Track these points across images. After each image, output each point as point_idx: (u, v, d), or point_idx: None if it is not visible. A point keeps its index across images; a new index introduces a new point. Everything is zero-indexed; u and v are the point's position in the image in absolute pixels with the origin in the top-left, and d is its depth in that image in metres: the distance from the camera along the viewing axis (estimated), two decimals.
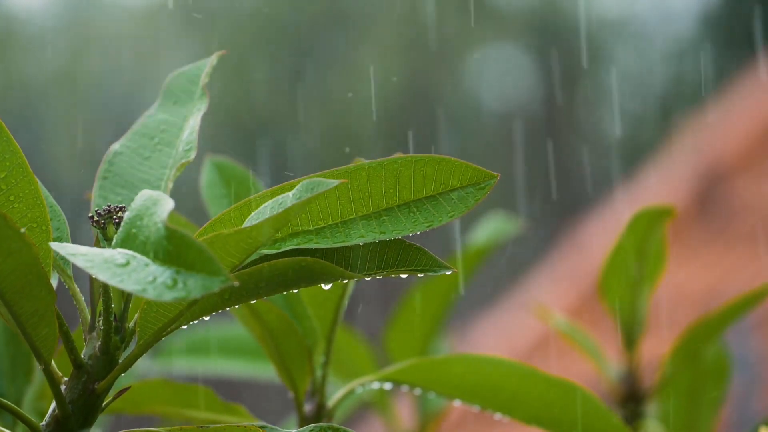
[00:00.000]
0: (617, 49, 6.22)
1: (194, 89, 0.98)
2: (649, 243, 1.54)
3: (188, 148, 0.93)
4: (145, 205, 0.77)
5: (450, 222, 0.87)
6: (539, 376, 1.09)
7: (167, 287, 0.71)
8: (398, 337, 1.73)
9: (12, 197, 0.86)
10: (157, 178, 0.94)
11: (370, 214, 0.87)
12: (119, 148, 0.96)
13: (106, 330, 0.85)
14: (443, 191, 0.87)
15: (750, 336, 3.19)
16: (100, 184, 0.95)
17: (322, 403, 1.15)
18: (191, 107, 0.97)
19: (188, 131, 0.94)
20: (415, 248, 0.87)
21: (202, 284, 0.71)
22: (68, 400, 0.85)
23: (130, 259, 0.74)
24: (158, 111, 0.98)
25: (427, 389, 1.10)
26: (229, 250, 0.80)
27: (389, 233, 0.86)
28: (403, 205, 0.87)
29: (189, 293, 0.70)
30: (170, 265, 0.72)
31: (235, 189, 1.15)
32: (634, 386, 1.60)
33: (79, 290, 0.89)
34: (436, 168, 0.86)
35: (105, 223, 0.86)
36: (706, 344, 1.56)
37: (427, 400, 1.76)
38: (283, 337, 1.08)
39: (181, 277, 0.71)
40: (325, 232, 0.86)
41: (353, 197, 0.86)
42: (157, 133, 0.96)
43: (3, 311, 0.81)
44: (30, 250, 0.77)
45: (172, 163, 0.94)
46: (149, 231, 0.75)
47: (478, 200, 0.86)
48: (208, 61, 0.99)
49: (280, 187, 0.87)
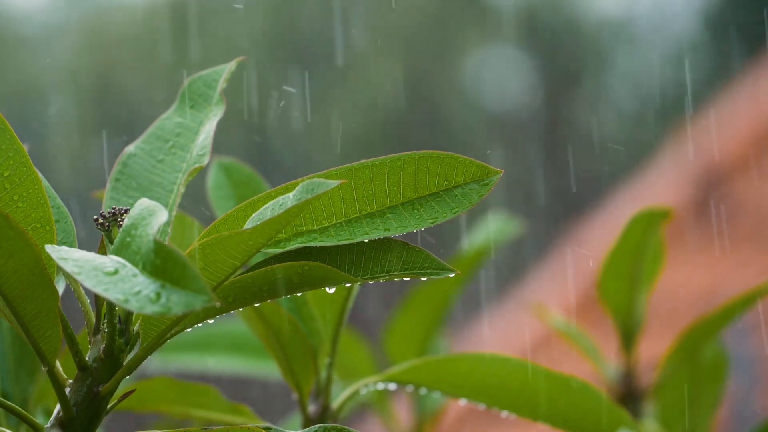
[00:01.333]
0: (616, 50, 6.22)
1: (211, 94, 0.98)
2: (648, 244, 1.54)
3: (202, 153, 0.93)
4: (141, 214, 0.77)
5: (450, 221, 0.87)
6: (545, 373, 1.08)
7: (150, 300, 0.71)
8: (398, 337, 1.72)
9: (16, 196, 0.85)
10: (169, 181, 0.94)
11: (375, 213, 0.87)
12: (133, 150, 0.96)
13: (110, 332, 0.85)
14: (446, 188, 0.87)
15: (749, 337, 3.19)
16: (112, 185, 0.94)
17: (327, 404, 1.15)
18: (207, 112, 0.97)
19: (203, 136, 0.94)
20: (419, 251, 0.86)
21: (185, 301, 0.70)
22: (73, 402, 0.85)
23: (120, 268, 0.73)
24: (174, 114, 0.97)
25: (433, 389, 1.10)
26: (230, 252, 0.80)
27: (394, 230, 0.86)
28: (407, 203, 0.87)
29: (170, 309, 0.70)
30: (156, 279, 0.72)
31: (241, 190, 1.15)
32: (631, 386, 1.60)
33: (84, 293, 0.89)
34: (440, 165, 0.86)
35: (109, 226, 0.86)
36: (704, 344, 1.56)
37: (424, 399, 1.76)
38: (288, 339, 1.08)
39: (166, 292, 0.71)
40: (329, 231, 0.86)
41: (357, 196, 0.86)
42: (172, 136, 0.96)
43: (6, 312, 0.81)
44: (32, 251, 0.77)
45: (185, 167, 0.94)
46: (141, 241, 0.74)
47: (482, 196, 0.86)
48: (226, 66, 0.98)
49: (283, 188, 0.87)
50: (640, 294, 1.59)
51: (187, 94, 0.98)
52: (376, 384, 1.11)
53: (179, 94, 0.98)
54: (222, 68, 0.99)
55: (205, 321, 0.86)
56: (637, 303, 1.59)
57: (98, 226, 0.86)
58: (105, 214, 0.86)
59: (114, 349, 0.85)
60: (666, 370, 1.55)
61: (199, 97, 0.98)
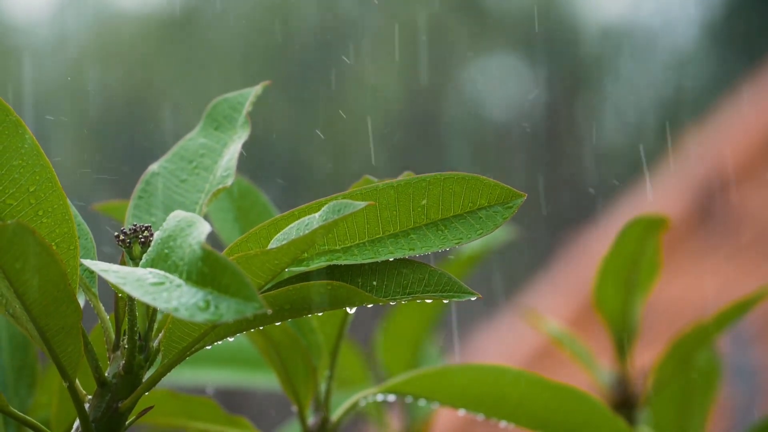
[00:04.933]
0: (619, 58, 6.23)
1: (237, 116, 0.98)
2: (643, 251, 1.54)
3: (226, 174, 0.93)
4: (179, 226, 0.77)
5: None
6: (544, 383, 1.09)
7: (199, 308, 0.71)
8: (389, 342, 1.72)
9: (41, 212, 0.85)
10: (192, 201, 0.94)
11: (398, 233, 0.87)
12: (157, 169, 0.96)
13: (130, 349, 0.85)
14: (471, 210, 0.87)
15: (750, 346, 3.19)
16: (135, 203, 0.94)
17: (327, 416, 1.15)
18: (232, 134, 0.97)
19: (228, 157, 0.94)
20: (440, 273, 0.86)
21: (235, 308, 0.70)
22: (92, 418, 0.85)
23: (163, 279, 0.73)
24: (198, 135, 0.98)
25: (432, 400, 1.10)
26: (254, 271, 0.80)
27: (418, 250, 0.86)
28: (431, 224, 0.87)
29: (221, 316, 0.70)
30: (203, 287, 0.72)
31: (240, 203, 1.15)
32: (626, 393, 1.60)
33: (103, 308, 0.89)
34: (465, 186, 0.86)
35: (131, 242, 0.86)
36: (698, 351, 1.56)
37: (416, 406, 1.76)
38: (288, 351, 1.08)
39: (214, 300, 0.71)
40: (352, 251, 0.86)
41: (381, 216, 0.86)
42: (196, 157, 0.96)
43: (29, 327, 0.80)
44: (58, 266, 0.77)
45: (208, 188, 0.94)
46: (183, 252, 0.74)
47: (506, 218, 0.86)
48: (253, 89, 0.99)
49: (307, 207, 0.86)
50: (636, 301, 1.59)
51: (211, 116, 0.98)
52: (375, 396, 1.11)
53: (204, 116, 0.98)
54: (248, 91, 0.99)
55: (225, 338, 0.86)
56: (632, 310, 1.59)
57: (119, 242, 0.86)
58: (126, 231, 0.86)
59: (134, 365, 0.85)
60: (659, 378, 1.55)
61: (224, 119, 0.98)
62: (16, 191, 0.85)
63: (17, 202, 0.85)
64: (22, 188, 0.85)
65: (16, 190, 0.85)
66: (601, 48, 6.20)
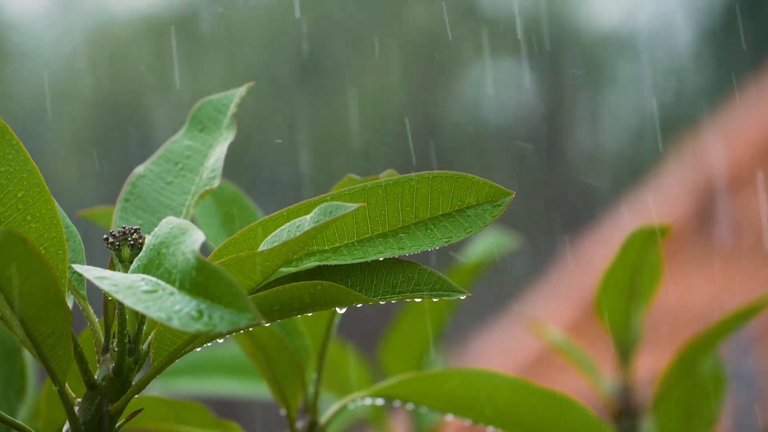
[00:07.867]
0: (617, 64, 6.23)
1: (222, 118, 0.98)
2: (645, 260, 1.54)
3: (213, 175, 0.93)
4: (172, 233, 0.77)
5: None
6: (532, 388, 1.08)
7: (193, 318, 0.71)
8: (394, 352, 1.72)
9: (29, 217, 0.85)
10: (178, 203, 0.94)
11: (387, 233, 0.87)
12: (143, 171, 0.96)
13: (120, 352, 0.85)
14: (459, 208, 0.87)
15: (750, 351, 3.19)
16: (122, 206, 0.94)
17: (315, 420, 1.15)
18: (217, 135, 0.97)
19: (214, 159, 0.94)
20: (429, 272, 0.86)
21: (229, 319, 0.70)
22: (81, 421, 0.85)
23: (156, 287, 0.73)
24: (184, 137, 0.97)
25: (420, 404, 1.10)
26: (246, 273, 0.80)
27: (408, 249, 0.86)
28: (420, 223, 0.87)
29: (214, 327, 0.70)
30: (196, 296, 0.72)
31: (226, 208, 1.15)
32: (629, 401, 1.60)
33: (93, 312, 0.89)
34: (453, 185, 0.86)
35: (120, 245, 0.85)
36: (702, 359, 1.56)
37: (421, 414, 1.76)
38: (275, 354, 1.08)
39: (207, 310, 0.71)
40: (341, 251, 0.86)
41: (370, 216, 0.86)
42: (182, 159, 0.96)
43: (19, 332, 0.80)
44: (48, 272, 0.77)
45: (194, 189, 0.94)
46: (176, 260, 0.74)
47: (494, 217, 0.86)
48: (237, 91, 0.98)
49: (295, 208, 0.86)
50: (638, 309, 1.59)
51: (196, 118, 0.98)
52: (363, 399, 1.11)
53: (189, 118, 0.98)
54: (233, 93, 0.99)
55: (215, 340, 0.86)
56: (634, 318, 1.59)
57: (108, 245, 0.86)
58: (115, 233, 0.86)
59: (123, 368, 0.85)
60: (664, 386, 1.55)
61: (209, 120, 0.98)
62: (4, 197, 0.85)
63: (5, 208, 0.85)
64: (10, 194, 0.85)
65: (3, 196, 0.85)
66: (600, 53, 6.20)
